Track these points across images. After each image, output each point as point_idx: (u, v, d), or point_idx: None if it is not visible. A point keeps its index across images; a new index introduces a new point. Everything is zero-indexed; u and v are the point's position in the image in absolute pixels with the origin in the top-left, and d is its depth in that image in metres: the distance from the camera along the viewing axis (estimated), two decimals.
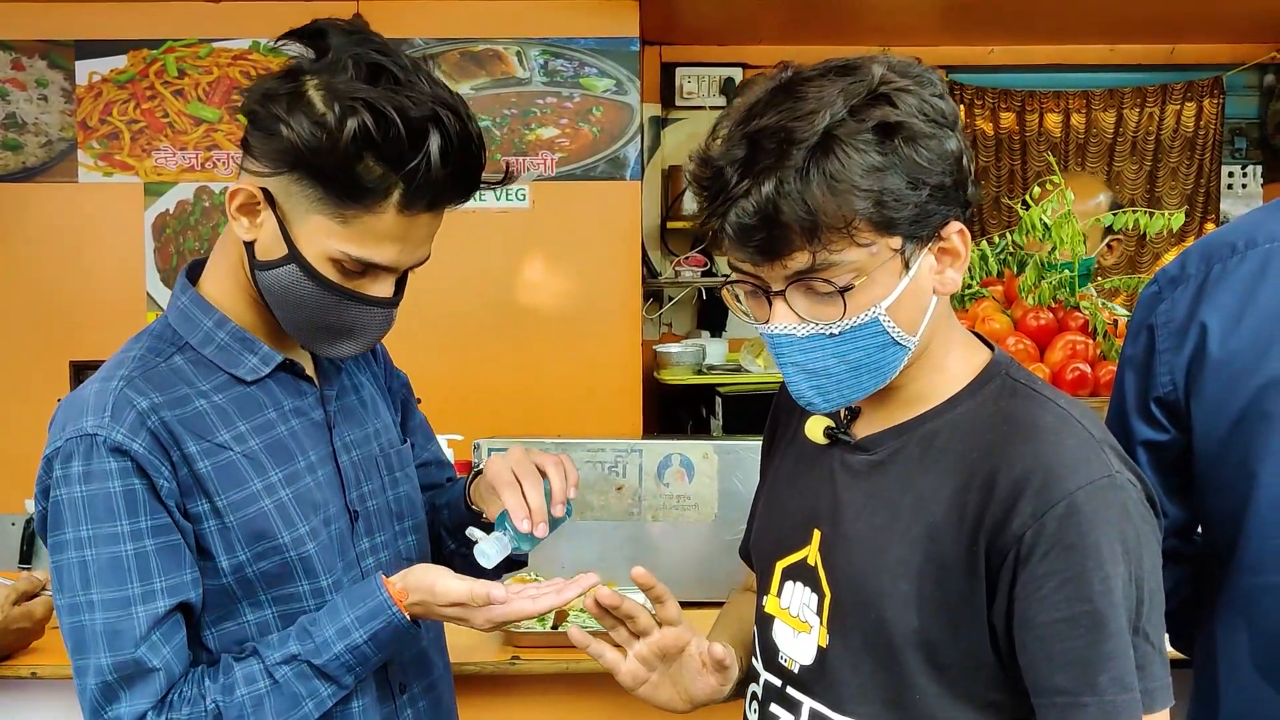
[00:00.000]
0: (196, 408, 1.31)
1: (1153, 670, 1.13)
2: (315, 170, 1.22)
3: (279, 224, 1.27)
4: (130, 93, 4.09)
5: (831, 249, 1.10)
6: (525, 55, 4.13)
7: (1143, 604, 1.12)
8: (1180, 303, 1.39)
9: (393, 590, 1.31)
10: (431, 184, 1.23)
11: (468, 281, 4.10)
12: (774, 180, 1.09)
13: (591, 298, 4.15)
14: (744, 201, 1.10)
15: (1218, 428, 1.36)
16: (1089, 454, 1.14)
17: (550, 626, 2.11)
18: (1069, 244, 2.34)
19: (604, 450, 2.42)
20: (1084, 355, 2.27)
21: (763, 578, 1.34)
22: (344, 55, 1.23)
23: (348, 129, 1.19)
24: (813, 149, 1.08)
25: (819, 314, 1.15)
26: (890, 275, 1.14)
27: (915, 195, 1.11)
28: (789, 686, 1.27)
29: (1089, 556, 1.10)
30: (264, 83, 1.26)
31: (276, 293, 1.31)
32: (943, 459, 1.19)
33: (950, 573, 1.16)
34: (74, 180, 4.11)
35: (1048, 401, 1.19)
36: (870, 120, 1.09)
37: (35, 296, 4.09)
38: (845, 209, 1.09)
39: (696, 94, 5.04)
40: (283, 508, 1.33)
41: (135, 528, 1.26)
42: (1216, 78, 5.20)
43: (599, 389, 4.10)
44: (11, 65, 4.09)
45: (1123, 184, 5.25)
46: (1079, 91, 5.22)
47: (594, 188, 4.16)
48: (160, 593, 1.26)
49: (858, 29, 4.76)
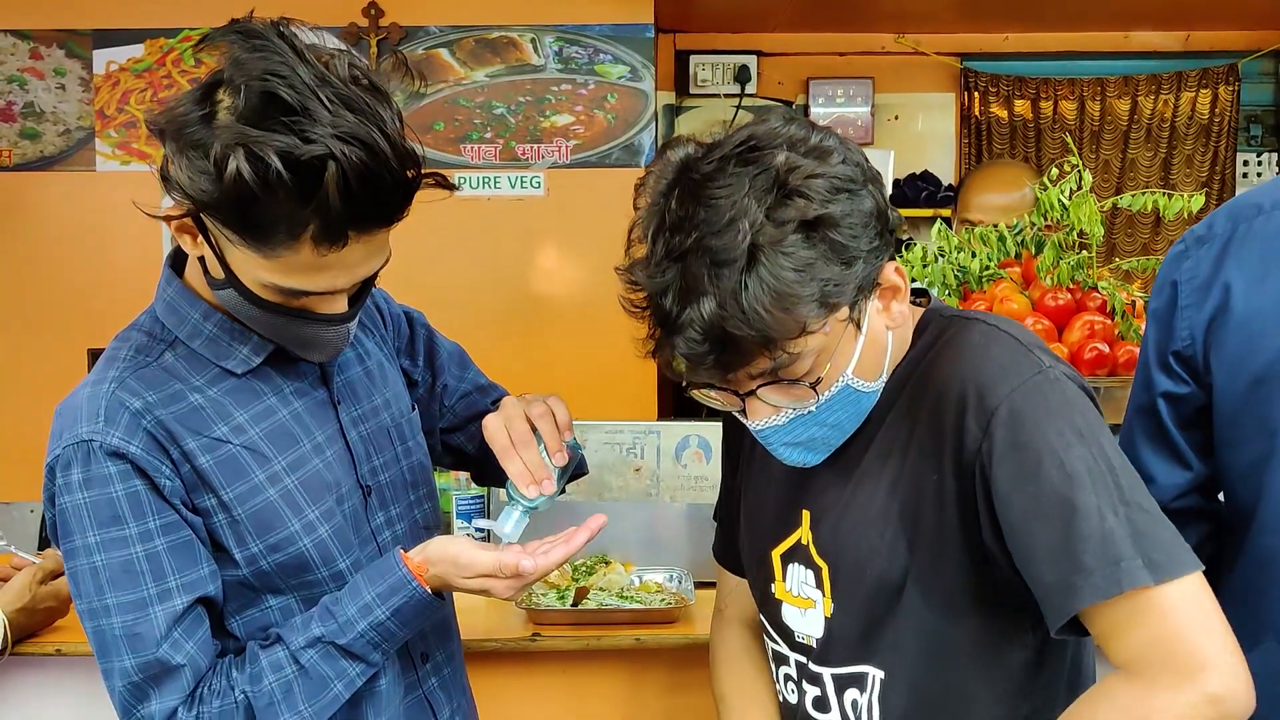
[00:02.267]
0: (191, 403, 1.29)
1: (1157, 537, 1.11)
2: (212, 212, 1.16)
3: (213, 250, 1.22)
4: (148, 81, 4.11)
5: (789, 349, 1.13)
6: (540, 42, 4.13)
7: (1116, 476, 1.13)
8: (1204, 261, 1.41)
9: (411, 564, 1.30)
10: (338, 221, 1.15)
11: (483, 268, 4.11)
12: (714, 303, 1.09)
13: (607, 283, 4.09)
14: (690, 330, 1.11)
15: (1238, 384, 1.37)
16: (1017, 357, 1.18)
17: (571, 604, 2.12)
18: (1087, 224, 2.34)
19: (622, 432, 2.44)
20: (1102, 335, 2.27)
21: (762, 568, 1.38)
22: (239, 78, 1.13)
23: (227, 175, 1.11)
24: (744, 268, 1.09)
25: (794, 401, 1.19)
26: (847, 342, 1.18)
27: (851, 272, 1.13)
28: (811, 663, 1.31)
29: (1042, 449, 1.12)
30: (179, 103, 1.17)
31: (233, 309, 1.28)
32: (895, 407, 1.24)
33: (924, 506, 1.20)
34: (92, 169, 4.13)
35: (972, 322, 1.24)
36: (790, 221, 1.10)
37: (53, 284, 4.11)
38: (793, 316, 1.10)
39: (710, 81, 5.03)
40: (289, 496, 1.31)
41: (143, 529, 1.25)
42: (1231, 65, 5.18)
43: (614, 374, 4.09)
44: (30, 55, 4.11)
45: (1137, 171, 5.23)
46: (1093, 78, 5.20)
47: (608, 175, 4.16)
48: (176, 590, 1.26)
49: (872, 16, 4.76)
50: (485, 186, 4.14)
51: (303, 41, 1.17)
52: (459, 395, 1.64)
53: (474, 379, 1.68)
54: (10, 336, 4.11)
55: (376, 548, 1.40)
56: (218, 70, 1.17)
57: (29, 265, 4.13)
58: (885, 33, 5.02)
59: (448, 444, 1.67)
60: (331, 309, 1.26)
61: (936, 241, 2.49)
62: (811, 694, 1.32)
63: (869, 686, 1.26)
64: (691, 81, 5.03)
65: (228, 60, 1.15)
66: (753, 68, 5.02)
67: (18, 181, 4.12)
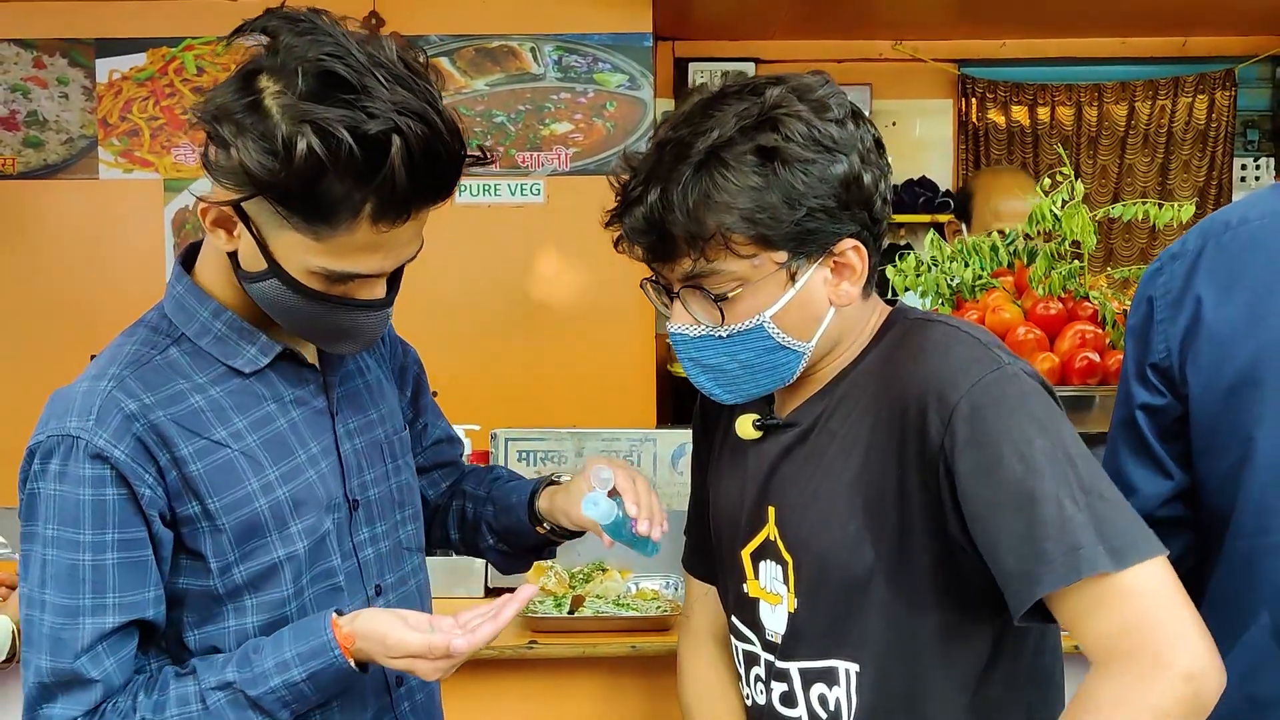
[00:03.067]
0: (192, 404, 1.27)
1: (1118, 525, 1.13)
2: (275, 194, 1.15)
3: (256, 239, 1.21)
4: (150, 90, 4.14)
5: (710, 258, 1.20)
6: (540, 51, 4.16)
7: (1076, 466, 1.15)
8: (1177, 276, 1.45)
9: (339, 633, 1.26)
10: (402, 196, 1.16)
11: (483, 275, 4.14)
12: (659, 190, 1.18)
13: (605, 290, 4.18)
14: (636, 208, 1.21)
15: (1213, 394, 1.40)
16: (976, 354, 1.21)
17: (568, 612, 2.14)
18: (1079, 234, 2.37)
19: (619, 439, 2.46)
20: (1094, 344, 2.29)
21: (733, 569, 1.40)
22: (292, 61, 1.14)
23: (297, 154, 1.11)
24: (697, 166, 1.18)
25: (707, 316, 1.24)
26: (775, 286, 1.22)
27: (792, 214, 1.18)
28: (777, 659, 1.33)
29: (1002, 442, 1.15)
30: (220, 93, 1.17)
31: (267, 302, 1.26)
32: (857, 404, 1.27)
33: (887, 502, 1.23)
34: (95, 177, 4.16)
35: (934, 323, 1.28)
36: (752, 142, 1.18)
37: (57, 291, 4.15)
38: (718, 223, 1.18)
39: None
40: (277, 508, 1.30)
41: (99, 539, 1.23)
42: (1228, 70, 5.21)
43: (613, 381, 4.13)
44: (33, 64, 4.14)
45: (1135, 176, 5.26)
46: (1090, 84, 5.23)
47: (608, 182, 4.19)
48: (112, 608, 1.23)
49: (870, 23, 4.78)
50: (485, 194, 4.17)
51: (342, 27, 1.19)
52: (433, 440, 1.63)
53: (446, 428, 1.66)
54: (12, 342, 4.14)
55: (356, 563, 1.39)
56: (254, 59, 1.17)
57: (32, 272, 4.16)
58: (883, 39, 5.05)
59: None
60: (372, 294, 1.26)
61: (930, 251, 2.51)
62: (778, 690, 1.34)
63: (842, 680, 1.27)
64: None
65: (274, 49, 1.16)
66: (752, 74, 5.04)
67: (21, 189, 4.16)
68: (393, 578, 1.44)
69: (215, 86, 1.19)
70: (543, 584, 2.23)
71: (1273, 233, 1.40)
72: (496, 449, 2.41)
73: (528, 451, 2.44)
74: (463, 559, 2.41)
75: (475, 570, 2.38)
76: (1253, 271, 1.39)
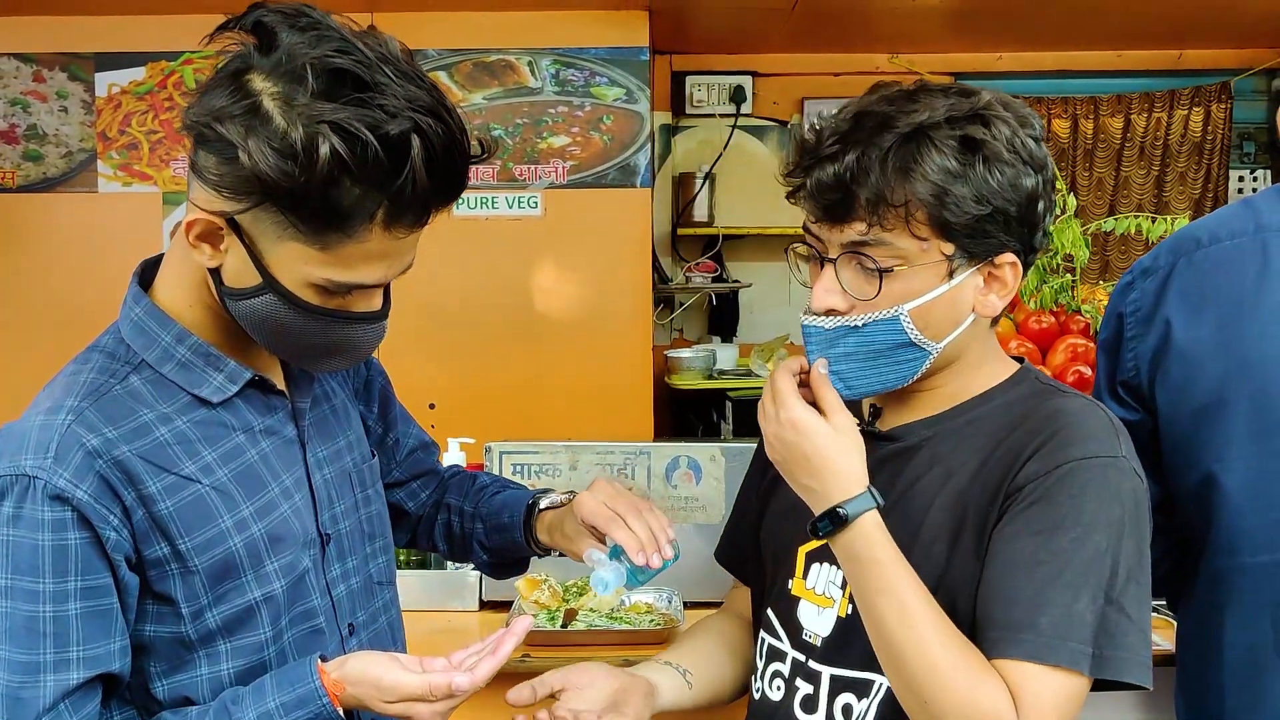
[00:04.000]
0: (158, 437, 1.17)
1: (1125, 640, 1.16)
2: (286, 200, 1.08)
3: (248, 252, 1.13)
4: (149, 104, 4.16)
5: (887, 227, 1.20)
6: (537, 65, 4.18)
7: (1116, 577, 1.17)
8: (1148, 293, 1.47)
9: (326, 679, 1.17)
10: (421, 197, 1.10)
11: (481, 287, 4.16)
12: (858, 151, 1.20)
13: (603, 303, 4.20)
14: (828, 164, 1.21)
15: (1181, 413, 1.42)
16: (1105, 434, 1.22)
17: (560, 625, 2.15)
18: (1071, 248, 2.38)
19: (613, 452, 2.46)
20: (1085, 358, 2.30)
21: (782, 563, 1.40)
22: (299, 59, 1.07)
23: (320, 158, 1.04)
24: (902, 136, 1.19)
25: (856, 289, 1.24)
26: (932, 277, 1.23)
27: (977, 209, 1.20)
28: (811, 660, 1.33)
29: (1069, 516, 1.17)
30: (211, 96, 1.09)
31: (254, 321, 1.17)
32: (974, 439, 1.27)
33: (976, 529, 1.23)
34: (94, 190, 4.18)
35: (1076, 395, 1.29)
36: (960, 131, 1.20)
37: (56, 303, 4.16)
38: (908, 193, 1.19)
39: (706, 102, 5.08)
40: (253, 545, 1.21)
41: (60, 588, 1.12)
42: (1224, 83, 5.22)
43: (610, 394, 4.14)
44: (33, 78, 4.16)
45: (1131, 189, 5.27)
46: (1086, 97, 5.25)
47: (605, 195, 4.21)
48: (76, 663, 1.13)
49: (866, 37, 4.80)
50: (483, 207, 4.18)
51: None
52: (407, 450, 1.56)
53: (418, 434, 1.59)
54: (12, 355, 4.15)
55: (331, 602, 1.31)
56: (236, 58, 1.10)
57: (31, 285, 4.18)
58: (879, 53, 5.07)
59: (387, 499, 1.55)
60: (370, 305, 1.19)
61: None
62: (802, 692, 1.33)
63: (872, 693, 1.28)
64: (688, 102, 5.08)
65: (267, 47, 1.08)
66: (748, 88, 5.07)
67: (21, 203, 4.18)
68: (364, 615, 1.37)
69: (203, 90, 1.10)
70: (535, 598, 2.23)
71: (1243, 254, 1.41)
72: (491, 462, 2.41)
73: (522, 464, 2.45)
74: (457, 573, 2.42)
75: (469, 584, 2.39)
76: (1223, 293, 1.40)
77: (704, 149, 5.12)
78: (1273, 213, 1.43)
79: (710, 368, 4.82)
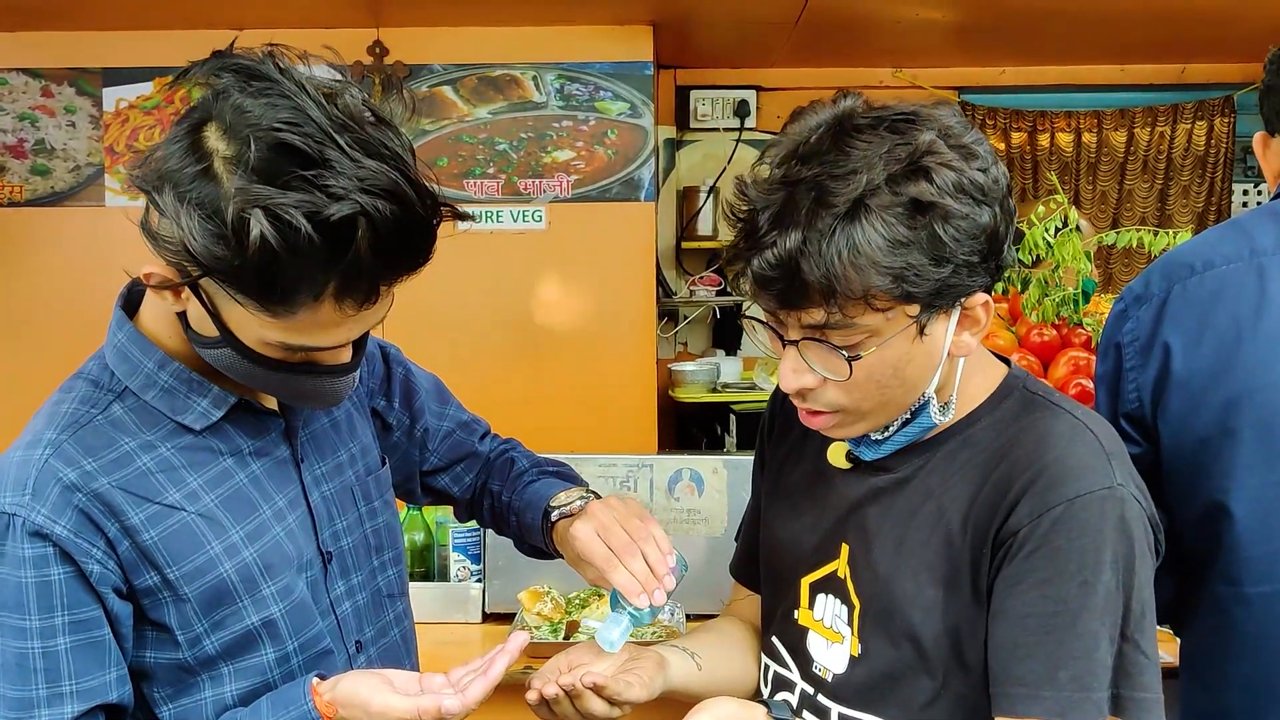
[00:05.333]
0: (140, 467, 1.16)
1: (1144, 680, 1.14)
2: (224, 276, 1.03)
3: (207, 308, 1.10)
4: (156, 119, 4.19)
5: (847, 312, 1.12)
6: (542, 80, 4.20)
7: (1130, 613, 1.14)
8: (1145, 321, 1.44)
9: (319, 701, 1.17)
10: (369, 277, 1.05)
11: (485, 300, 4.17)
12: (799, 237, 1.09)
13: (607, 317, 4.21)
14: (768, 252, 1.11)
15: (1184, 444, 1.40)
16: (1095, 463, 1.16)
17: (563, 637, 2.16)
18: (1072, 261, 2.39)
19: (615, 465, 2.47)
20: (1086, 371, 2.30)
21: (784, 592, 1.36)
22: (243, 128, 1.00)
23: (250, 241, 0.98)
24: (841, 216, 1.08)
25: (829, 368, 1.17)
26: (904, 340, 1.16)
27: (937, 271, 1.11)
28: (820, 694, 1.30)
29: (1072, 561, 1.13)
30: (167, 151, 1.04)
31: (222, 365, 1.15)
32: (963, 470, 1.22)
33: (967, 574, 1.19)
34: (101, 204, 4.21)
35: (1063, 412, 1.22)
36: (904, 195, 1.09)
37: (63, 317, 4.17)
38: (864, 281, 1.09)
39: (710, 116, 5.10)
40: (245, 571, 1.19)
41: (47, 624, 1.12)
42: (1227, 97, 5.24)
43: (614, 406, 4.15)
44: (41, 93, 4.20)
45: (1134, 202, 5.28)
46: (1090, 111, 5.26)
47: (609, 209, 4.22)
48: (70, 696, 1.13)
49: (870, 52, 4.82)
50: (488, 220, 4.20)
51: (301, 74, 1.04)
52: (441, 435, 1.53)
53: (455, 415, 1.56)
54: (20, 367, 4.17)
55: (335, 621, 1.30)
56: (195, 106, 1.04)
57: (39, 298, 4.20)
58: (882, 67, 5.09)
59: (430, 486, 1.56)
60: (337, 359, 1.16)
61: None
62: None
63: None
64: (692, 116, 5.10)
65: (223, 102, 1.02)
66: (752, 102, 5.09)
67: (29, 216, 4.21)
68: (372, 630, 1.36)
69: (159, 143, 1.05)
70: (539, 610, 2.24)
71: (1239, 279, 1.39)
72: None
73: None
74: (460, 585, 2.43)
75: (472, 597, 2.40)
76: (1221, 320, 1.39)
77: (708, 163, 5.13)
78: (1264, 235, 1.41)
79: (714, 381, 4.83)
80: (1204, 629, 1.44)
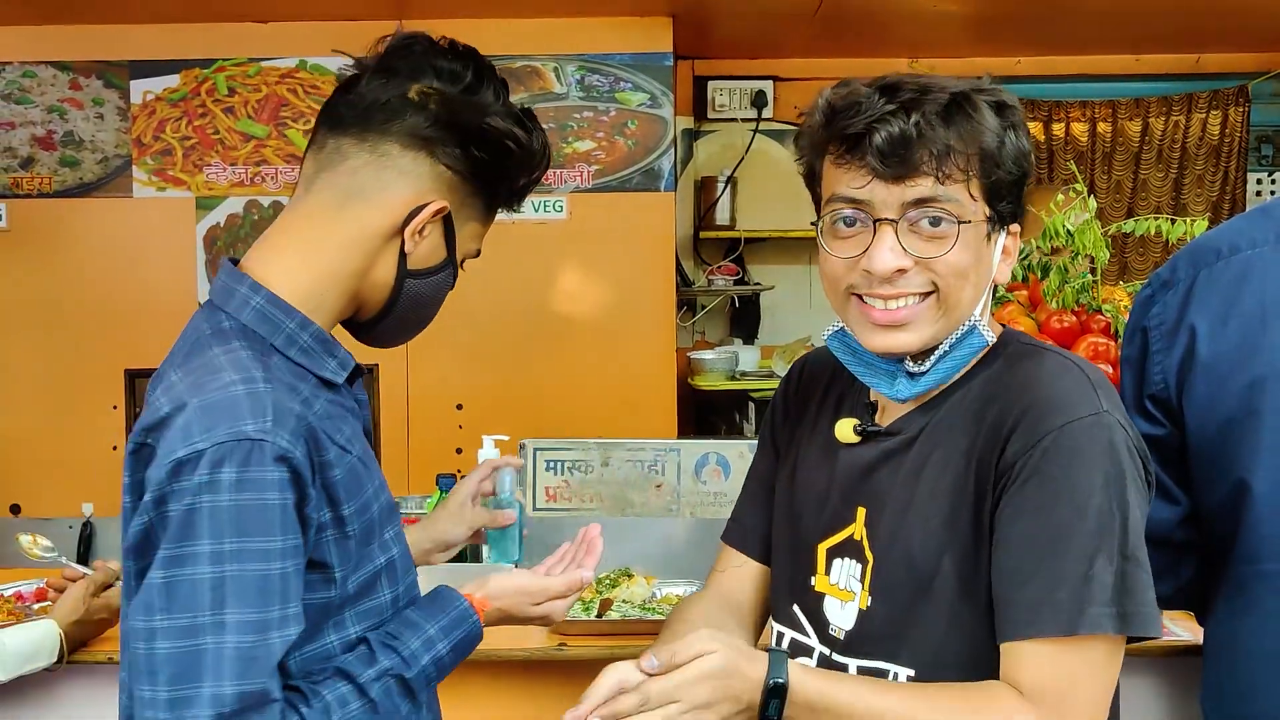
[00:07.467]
0: (318, 409, 1.24)
1: (1139, 595, 1.19)
2: (504, 181, 1.34)
3: (446, 235, 1.33)
4: (183, 110, 4.24)
5: (950, 185, 1.22)
6: (562, 71, 4.25)
7: (1126, 529, 1.19)
8: (1171, 306, 1.47)
9: (474, 600, 1.33)
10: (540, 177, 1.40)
11: (509, 290, 4.21)
12: (920, 111, 1.22)
13: (627, 306, 4.26)
14: (891, 119, 1.21)
15: (1209, 426, 1.43)
16: (1081, 393, 1.23)
17: (596, 615, 2.21)
18: (1092, 249, 2.43)
19: (644, 449, 2.52)
20: (1106, 356, 2.35)
21: (802, 560, 1.41)
22: (486, 78, 1.33)
23: (536, 141, 1.34)
24: (952, 95, 1.23)
25: (923, 250, 1.24)
26: (979, 241, 1.26)
27: (1014, 171, 1.25)
28: (835, 653, 1.35)
29: (1063, 486, 1.19)
30: (482, 106, 1.31)
31: (421, 296, 1.34)
32: (964, 417, 1.29)
33: (970, 511, 1.25)
34: (129, 195, 4.26)
35: (1050, 353, 1.30)
36: (993, 97, 1.25)
37: (92, 307, 4.24)
38: (971, 147, 1.22)
39: (728, 107, 5.14)
40: (383, 512, 1.30)
41: (286, 545, 1.15)
42: (1242, 86, 5.25)
43: (635, 394, 4.20)
44: (69, 85, 4.25)
45: (1149, 191, 5.30)
46: (1105, 101, 5.28)
47: (629, 199, 4.27)
48: (293, 619, 1.16)
49: (887, 42, 4.84)
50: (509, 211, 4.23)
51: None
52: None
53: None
54: (50, 356, 4.24)
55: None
56: (404, 77, 1.32)
57: (68, 288, 4.26)
58: (899, 57, 5.11)
59: None
60: None
61: None
62: None
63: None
64: (710, 106, 5.13)
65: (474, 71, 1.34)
66: (769, 92, 5.12)
67: (58, 208, 4.26)
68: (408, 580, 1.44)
69: (455, 100, 1.31)
70: None
71: (1264, 263, 1.42)
72: (526, 459, 2.47)
73: (556, 461, 2.51)
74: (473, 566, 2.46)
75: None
76: (1246, 303, 1.41)
77: (726, 153, 5.17)
78: None
79: (732, 369, 4.87)
80: (1227, 611, 1.47)
